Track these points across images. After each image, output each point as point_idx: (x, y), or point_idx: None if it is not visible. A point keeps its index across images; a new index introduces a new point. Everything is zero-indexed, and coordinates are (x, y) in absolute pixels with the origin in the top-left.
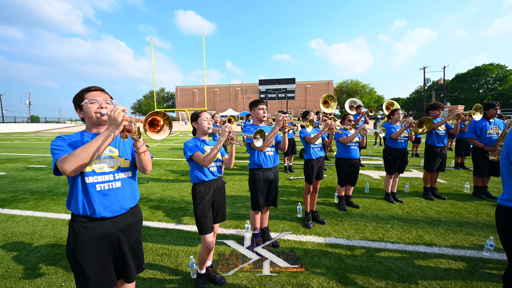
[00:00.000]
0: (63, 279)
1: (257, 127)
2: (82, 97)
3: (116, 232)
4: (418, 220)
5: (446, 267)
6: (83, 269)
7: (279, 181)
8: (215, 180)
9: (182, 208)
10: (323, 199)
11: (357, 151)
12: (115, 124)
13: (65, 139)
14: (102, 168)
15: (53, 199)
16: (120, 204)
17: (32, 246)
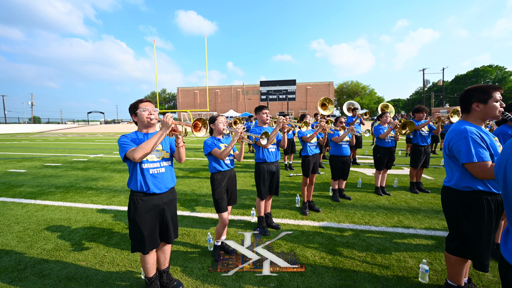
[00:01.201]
0: (105, 251)
1: (261, 128)
2: (137, 106)
3: (162, 204)
4: (401, 209)
5: (417, 243)
6: (140, 229)
7: (279, 177)
8: (229, 171)
9: (194, 199)
10: (319, 193)
11: (347, 149)
12: (167, 126)
13: (128, 137)
14: (152, 158)
15: (77, 192)
16: (165, 184)
17: (71, 228)
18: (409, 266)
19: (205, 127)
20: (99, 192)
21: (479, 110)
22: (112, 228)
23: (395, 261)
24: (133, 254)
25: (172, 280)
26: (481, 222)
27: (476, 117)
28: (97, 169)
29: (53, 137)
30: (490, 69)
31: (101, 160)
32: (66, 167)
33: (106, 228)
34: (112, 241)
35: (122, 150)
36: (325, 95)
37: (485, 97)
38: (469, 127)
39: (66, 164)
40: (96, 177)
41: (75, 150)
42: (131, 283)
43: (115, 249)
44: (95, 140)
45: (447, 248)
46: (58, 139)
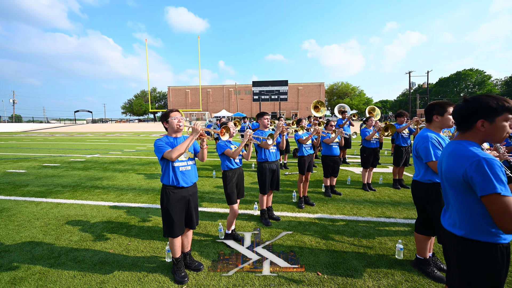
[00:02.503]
0: (128, 241)
1: (263, 131)
2: (168, 115)
3: (188, 196)
4: (384, 202)
5: (396, 229)
6: (171, 216)
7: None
8: (238, 168)
9: (200, 196)
10: (313, 189)
11: (337, 149)
12: (196, 132)
13: (163, 140)
14: (181, 158)
15: (85, 191)
16: (191, 179)
17: (90, 222)
18: (389, 247)
19: (228, 133)
20: (106, 190)
21: (438, 121)
22: (129, 222)
23: (377, 244)
24: (155, 242)
25: (194, 261)
26: (440, 206)
27: (435, 126)
28: (97, 169)
29: (40, 137)
30: (471, 73)
31: (99, 160)
32: (66, 167)
33: (123, 222)
34: (131, 233)
35: (159, 152)
36: (316, 95)
37: (442, 111)
38: (430, 133)
39: (65, 165)
40: (99, 177)
41: (69, 150)
42: (158, 265)
43: (136, 239)
44: (86, 140)
45: (416, 229)
46: (47, 139)
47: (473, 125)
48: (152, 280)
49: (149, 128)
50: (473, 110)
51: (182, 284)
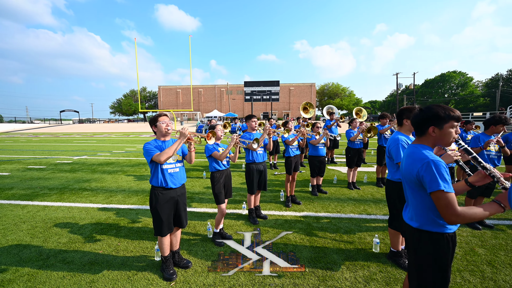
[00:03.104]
0: (117, 241)
1: (251, 133)
2: (157, 119)
3: (176, 197)
4: (366, 200)
5: (376, 225)
6: (160, 216)
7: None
8: (226, 170)
9: (189, 197)
10: (300, 188)
11: (323, 150)
12: (184, 136)
13: (151, 143)
14: (170, 160)
15: (73, 193)
16: (179, 181)
17: (78, 224)
18: (367, 242)
19: (214, 137)
20: (95, 192)
21: (407, 124)
22: (118, 223)
23: (357, 239)
24: (144, 243)
25: (182, 259)
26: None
27: (406, 129)
28: (85, 171)
29: (23, 138)
30: (454, 75)
31: (87, 162)
32: (52, 169)
33: (112, 224)
34: (121, 234)
35: (148, 155)
36: (308, 96)
37: (411, 115)
38: (401, 136)
39: (51, 167)
40: (87, 179)
41: (55, 152)
42: (147, 264)
43: (125, 239)
44: (72, 141)
45: (389, 224)
46: (31, 140)
47: (426, 131)
48: (141, 278)
49: (139, 128)
50: (426, 118)
51: (170, 281)
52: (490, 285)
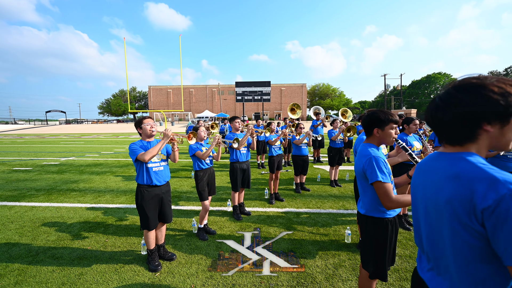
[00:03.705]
0: (105, 238)
1: (235, 134)
2: (142, 122)
3: (161, 194)
4: (346, 197)
5: (351, 219)
6: (146, 212)
7: (251, 174)
8: (209, 168)
9: (177, 196)
10: (285, 186)
11: (306, 149)
12: (167, 137)
13: (137, 144)
14: (154, 159)
15: (60, 194)
16: (163, 179)
17: (67, 223)
18: (341, 234)
19: (195, 137)
20: (83, 193)
21: None
22: (106, 221)
23: (332, 231)
24: (131, 238)
25: (167, 252)
26: None
27: None
28: (73, 172)
29: (7, 139)
30: (439, 76)
31: (75, 163)
32: (39, 171)
33: (100, 222)
34: (109, 231)
35: (133, 154)
36: (299, 96)
37: None
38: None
39: (37, 168)
40: (75, 180)
41: (41, 153)
42: (134, 257)
43: (113, 236)
44: (59, 142)
45: None
46: (15, 141)
47: (372, 132)
48: (128, 270)
49: (129, 129)
50: (370, 121)
51: (155, 272)
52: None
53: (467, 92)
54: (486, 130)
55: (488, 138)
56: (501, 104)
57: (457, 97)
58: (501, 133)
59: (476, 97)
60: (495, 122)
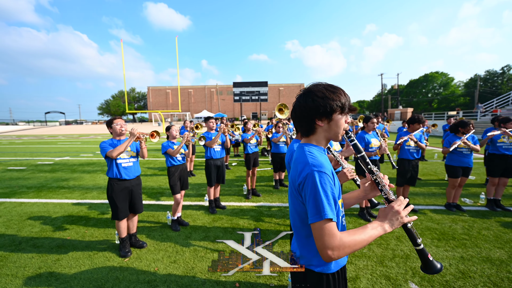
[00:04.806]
0: (85, 230)
1: (209, 133)
2: (112, 122)
3: (130, 186)
4: None
5: None
6: (116, 203)
7: (225, 170)
8: (181, 165)
9: (160, 192)
10: (266, 183)
11: (284, 147)
12: (134, 135)
13: (107, 142)
14: (124, 156)
15: (50, 191)
16: (133, 173)
17: (51, 217)
18: None
19: (159, 136)
20: (71, 190)
21: None
22: (88, 215)
23: None
24: (109, 230)
25: (138, 241)
26: None
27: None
28: (65, 171)
29: (6, 140)
30: (437, 75)
31: (69, 163)
32: (32, 170)
33: (83, 216)
34: (89, 224)
35: (103, 151)
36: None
37: None
38: None
39: (31, 168)
40: (66, 178)
41: (37, 153)
42: (108, 246)
43: (93, 228)
44: (57, 142)
45: None
46: (13, 142)
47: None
48: (101, 256)
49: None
50: None
51: (125, 257)
52: (389, 253)
53: (304, 97)
54: (319, 125)
55: (323, 131)
56: (321, 105)
57: (300, 101)
58: (330, 127)
59: (308, 100)
60: (323, 118)
